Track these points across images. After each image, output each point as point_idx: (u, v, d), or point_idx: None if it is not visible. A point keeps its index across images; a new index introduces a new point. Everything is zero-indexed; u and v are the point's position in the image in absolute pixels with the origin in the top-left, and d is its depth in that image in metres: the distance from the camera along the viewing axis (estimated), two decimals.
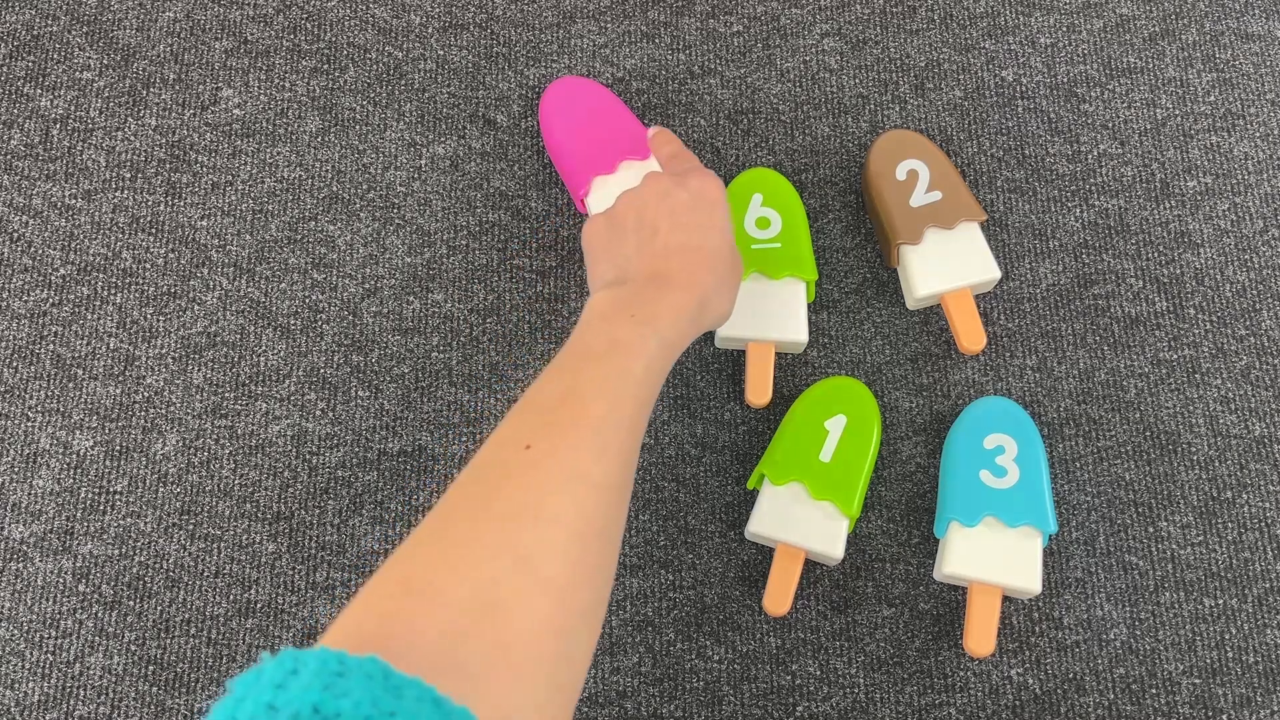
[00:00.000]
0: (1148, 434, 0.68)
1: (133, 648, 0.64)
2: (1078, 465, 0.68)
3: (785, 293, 0.68)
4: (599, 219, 0.59)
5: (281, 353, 0.70)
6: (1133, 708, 0.63)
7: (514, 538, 0.41)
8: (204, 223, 0.72)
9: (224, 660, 0.64)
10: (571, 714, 0.42)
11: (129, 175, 0.73)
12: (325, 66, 0.76)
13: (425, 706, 0.33)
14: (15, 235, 0.72)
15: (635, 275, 0.55)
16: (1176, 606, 0.65)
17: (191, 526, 0.66)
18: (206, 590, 0.65)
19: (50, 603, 0.65)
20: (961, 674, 0.64)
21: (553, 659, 0.40)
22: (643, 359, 0.50)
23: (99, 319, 0.70)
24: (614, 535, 0.46)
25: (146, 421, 0.68)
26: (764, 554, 0.66)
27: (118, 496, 0.67)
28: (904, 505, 0.67)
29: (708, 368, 0.70)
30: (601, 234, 0.58)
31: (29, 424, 0.68)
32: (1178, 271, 0.72)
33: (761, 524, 0.64)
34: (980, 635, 0.62)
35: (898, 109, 0.75)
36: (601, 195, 0.70)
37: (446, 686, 0.34)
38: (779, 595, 0.63)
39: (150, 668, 0.64)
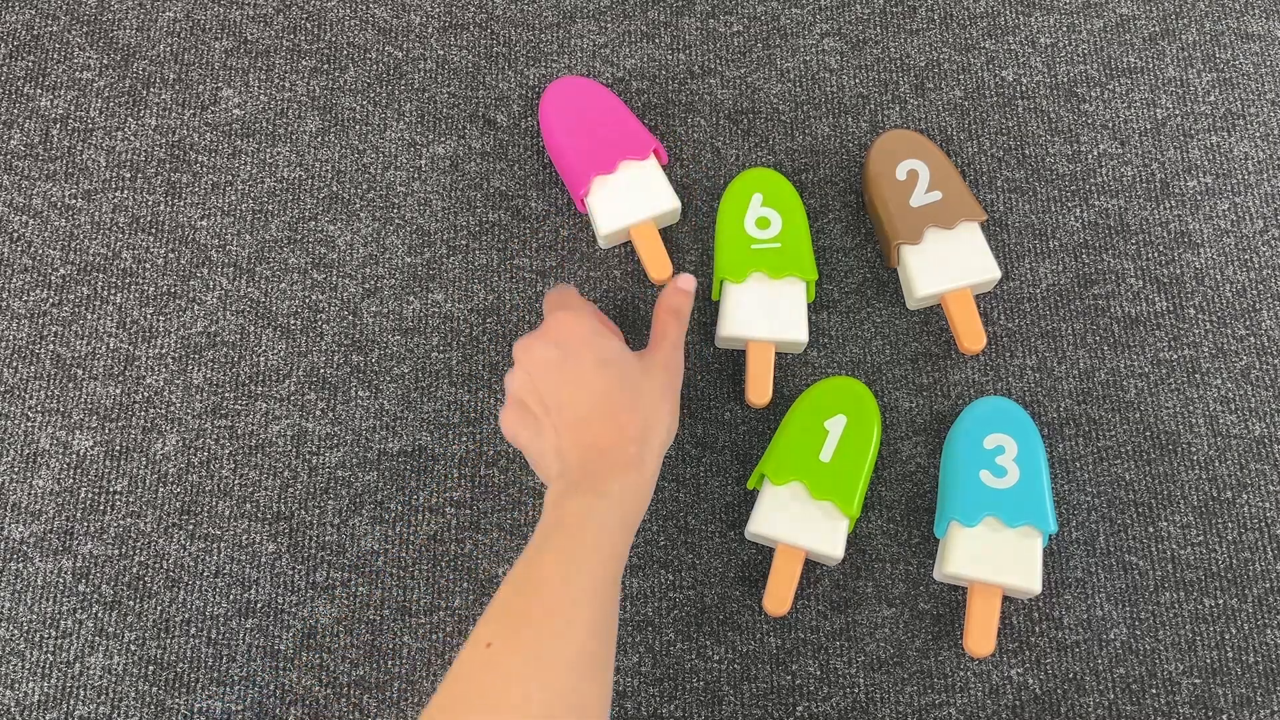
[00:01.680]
0: (1148, 434, 0.68)
1: (133, 648, 0.64)
2: (1078, 465, 0.68)
3: (785, 293, 0.68)
4: (509, 415, 0.57)
5: (281, 353, 0.70)
6: (1133, 708, 0.63)
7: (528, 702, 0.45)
8: (204, 223, 0.72)
9: (224, 660, 0.64)
10: None
11: (129, 175, 0.73)
12: (325, 66, 0.76)
13: None
14: (15, 235, 0.72)
15: (569, 456, 0.54)
16: (1176, 606, 0.65)
17: (191, 526, 0.66)
18: (206, 590, 0.65)
19: (50, 603, 0.65)
20: (961, 674, 0.64)
21: None
22: (591, 527, 0.51)
23: (99, 319, 0.70)
24: (592, 701, 0.48)
25: (146, 421, 0.68)
26: (764, 554, 0.66)
27: (118, 496, 0.67)
28: (904, 505, 0.67)
29: (708, 368, 0.70)
30: (521, 431, 0.57)
31: (29, 424, 0.68)
32: (1178, 271, 0.72)
33: (761, 524, 0.64)
34: (980, 635, 0.62)
35: (898, 109, 0.75)
36: (601, 195, 0.70)
37: None
38: (779, 595, 0.63)
39: (150, 668, 0.64)
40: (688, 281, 0.65)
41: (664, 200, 0.70)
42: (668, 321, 0.62)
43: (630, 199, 0.70)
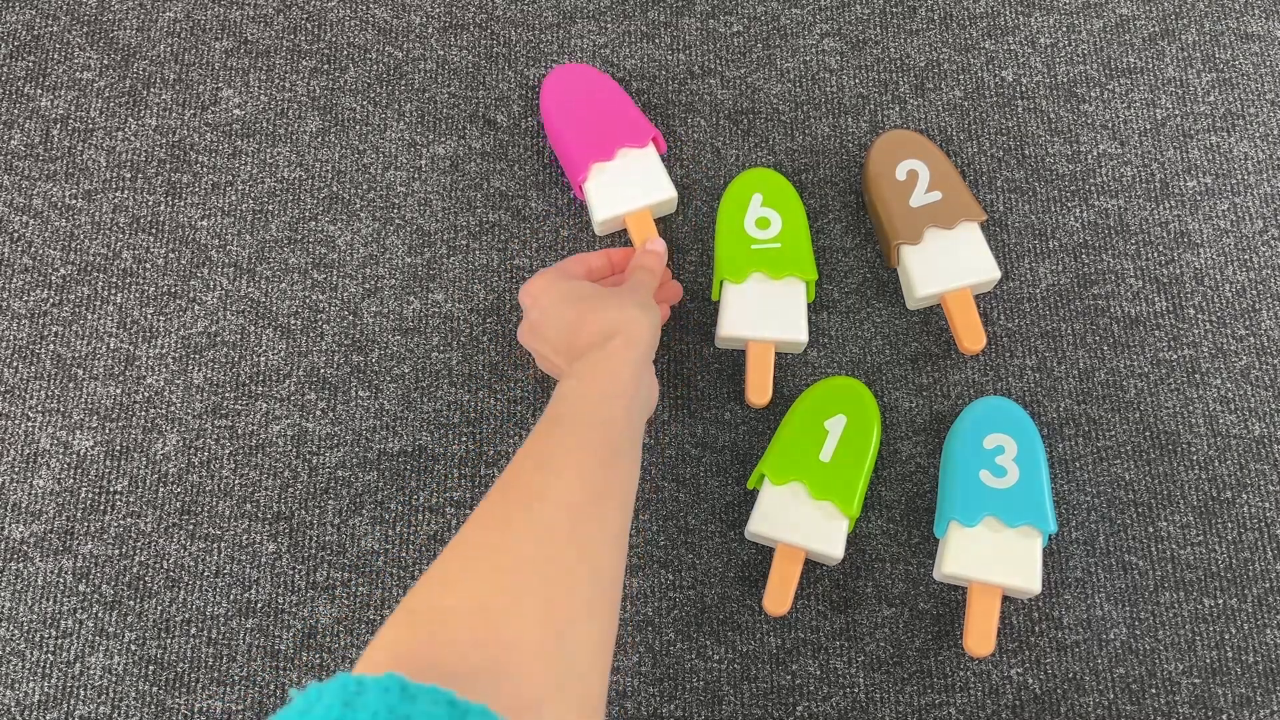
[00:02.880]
0: (1147, 434, 0.68)
1: (133, 647, 0.64)
2: (1077, 465, 0.68)
3: (785, 293, 0.68)
4: (523, 333, 0.65)
5: (282, 353, 0.70)
6: (1132, 707, 0.63)
7: (495, 552, 0.45)
8: (204, 223, 0.72)
9: (224, 660, 0.64)
10: (602, 696, 0.45)
11: (129, 175, 0.73)
12: (325, 67, 0.76)
13: (440, 708, 0.35)
14: (16, 235, 0.72)
15: (560, 360, 0.61)
16: (1176, 606, 0.65)
17: (192, 526, 0.66)
18: (207, 590, 0.65)
19: (50, 602, 0.65)
20: (961, 674, 0.64)
21: (556, 651, 0.42)
22: (567, 400, 0.55)
23: (99, 319, 0.70)
24: (594, 539, 0.48)
25: (147, 421, 0.68)
26: (764, 554, 0.66)
27: (118, 496, 0.67)
28: (904, 505, 0.67)
29: (708, 368, 0.70)
30: (533, 344, 0.64)
31: (29, 424, 0.68)
32: (1177, 271, 0.72)
33: (761, 524, 0.64)
34: (980, 635, 0.62)
35: (898, 109, 0.75)
36: (599, 182, 0.70)
37: (463, 690, 0.36)
38: (779, 595, 0.63)
39: (150, 667, 0.64)
40: (656, 243, 0.68)
41: (661, 189, 0.71)
42: (636, 271, 0.66)
43: (628, 187, 0.71)
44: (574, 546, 0.47)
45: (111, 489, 0.67)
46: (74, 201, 0.72)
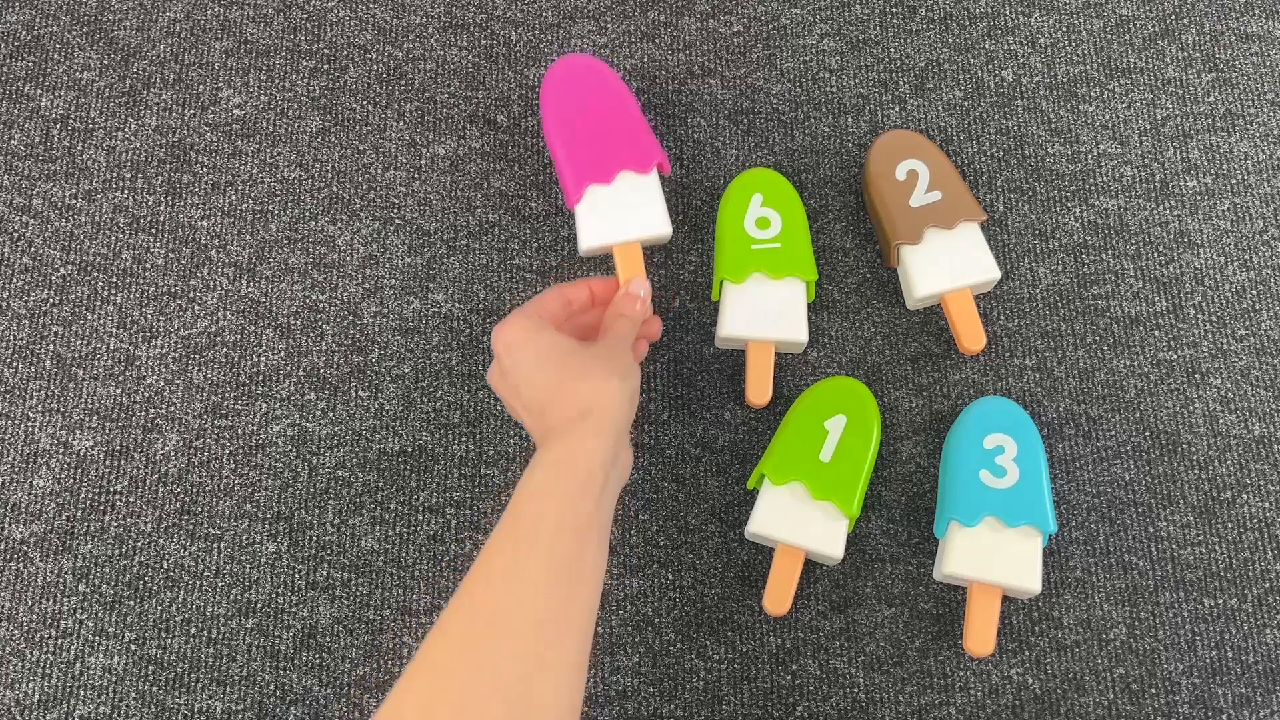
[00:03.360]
0: (1147, 434, 0.68)
1: (133, 648, 0.64)
2: (1077, 465, 0.68)
3: (785, 293, 0.68)
4: (493, 378, 0.62)
5: (281, 353, 0.70)
6: (1132, 708, 0.63)
7: (460, 685, 0.47)
8: (204, 223, 0.72)
9: (224, 660, 0.64)
10: None
11: (129, 175, 0.73)
12: (325, 67, 0.76)
13: None
14: (15, 235, 0.72)
15: (532, 427, 0.59)
16: (1176, 606, 0.65)
17: (191, 526, 0.66)
18: (206, 590, 0.65)
19: (50, 602, 0.65)
20: (961, 674, 0.64)
21: None
22: (537, 492, 0.53)
23: (99, 319, 0.70)
24: (558, 660, 0.49)
25: (147, 421, 0.68)
26: (764, 554, 0.66)
27: (118, 496, 0.67)
28: (904, 505, 0.67)
29: (708, 368, 0.70)
30: (501, 392, 0.62)
31: (29, 424, 0.68)
32: (1177, 271, 0.72)
33: (761, 524, 0.64)
34: (980, 635, 0.62)
35: (898, 109, 0.75)
36: (592, 205, 0.67)
37: None
38: (779, 595, 0.63)
39: (150, 668, 0.64)
40: (639, 285, 0.64)
41: (656, 223, 0.67)
42: (615, 319, 0.62)
43: (622, 215, 0.67)
44: (539, 672, 0.48)
45: (111, 489, 0.67)
46: (74, 201, 0.72)
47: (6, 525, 0.66)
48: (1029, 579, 0.62)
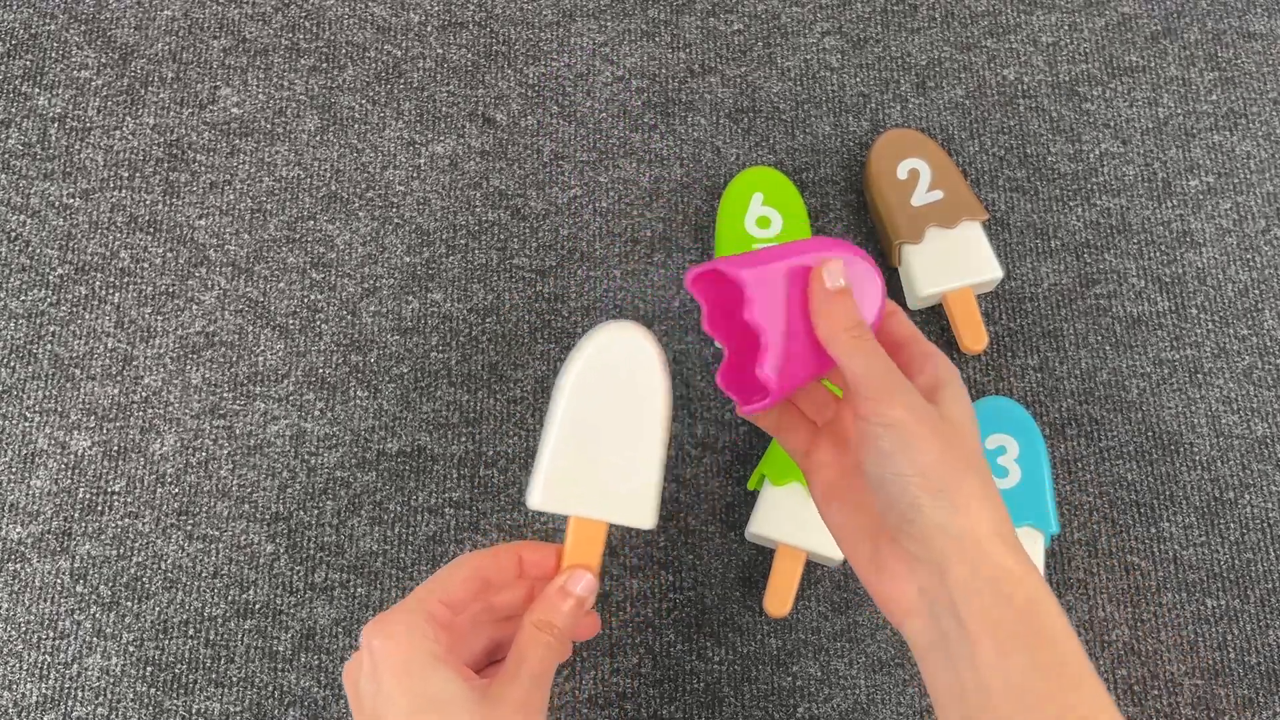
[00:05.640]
0: (1150, 434, 0.68)
1: (130, 649, 0.64)
2: (1079, 466, 0.67)
3: None
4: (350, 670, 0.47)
5: (280, 352, 0.69)
6: (1135, 709, 0.63)
7: None
8: (202, 222, 0.72)
9: (222, 661, 0.64)
10: None
11: (127, 174, 0.73)
12: (324, 65, 0.75)
13: None
14: (13, 235, 0.71)
15: None
16: (1179, 607, 0.65)
17: (189, 527, 0.66)
18: (205, 591, 0.65)
19: (48, 603, 0.65)
20: None
21: None
22: None
23: (97, 318, 0.70)
24: None
25: (144, 421, 0.68)
26: (764, 555, 0.66)
27: (115, 497, 0.66)
28: None
29: (708, 368, 0.69)
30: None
31: (26, 424, 0.68)
32: (1180, 271, 0.71)
33: (762, 525, 0.64)
34: None
35: (899, 108, 0.75)
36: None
37: None
38: (780, 596, 0.63)
39: (148, 669, 0.64)
40: (579, 582, 0.48)
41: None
42: (532, 639, 0.45)
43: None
44: None
45: (109, 489, 0.67)
46: (71, 200, 0.72)
47: (3, 526, 0.66)
48: None
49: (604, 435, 0.49)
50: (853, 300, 0.45)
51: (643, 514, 0.50)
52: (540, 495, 0.49)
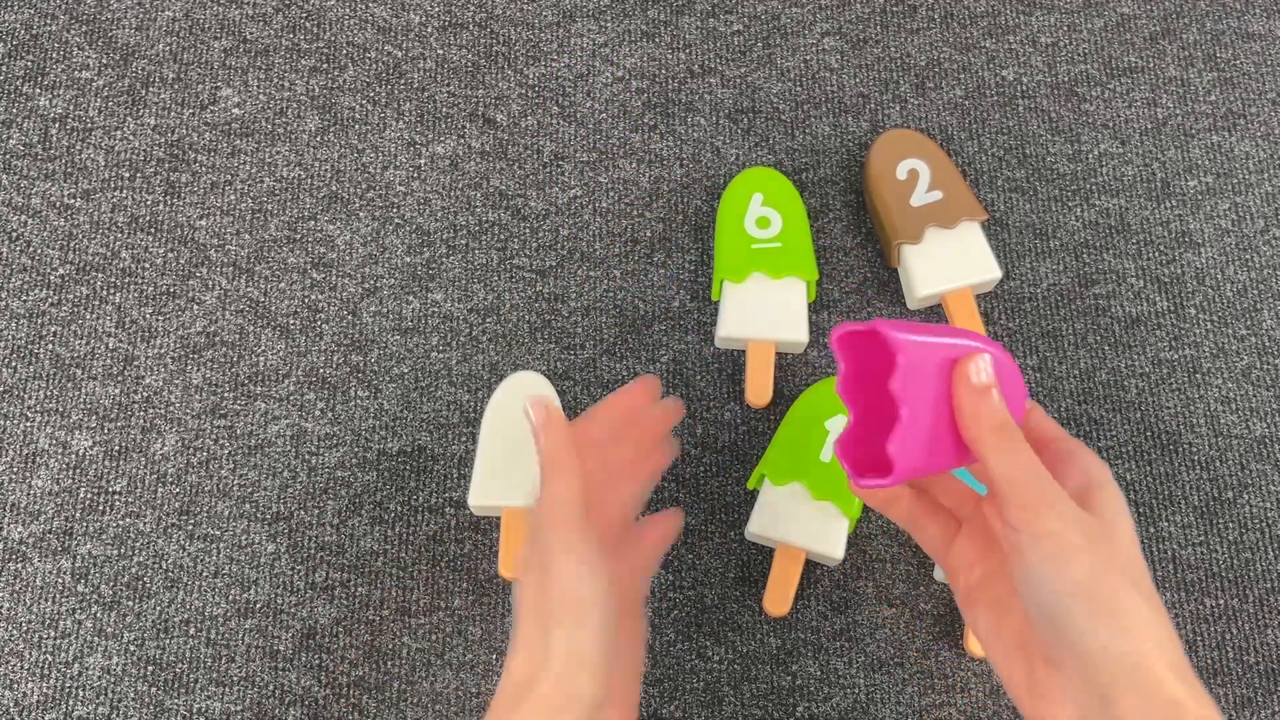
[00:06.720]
0: (1148, 434, 0.68)
1: (131, 648, 0.64)
2: None
3: (785, 293, 0.68)
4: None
5: (280, 352, 0.70)
6: None
7: None
8: (203, 222, 0.72)
9: (223, 660, 0.64)
10: None
11: (128, 175, 0.73)
12: (324, 65, 0.76)
13: None
14: (14, 235, 0.71)
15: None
16: (1177, 607, 0.65)
17: (190, 527, 0.66)
18: (205, 590, 0.65)
19: (49, 603, 0.65)
20: (962, 674, 0.64)
21: None
22: None
23: (98, 319, 0.70)
24: None
25: (145, 421, 0.68)
26: (764, 554, 0.66)
27: (116, 496, 0.67)
28: None
29: (708, 368, 0.70)
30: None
31: (27, 424, 0.68)
32: (1178, 271, 0.71)
33: (762, 524, 0.64)
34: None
35: (898, 108, 0.75)
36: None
37: None
38: (779, 596, 0.63)
39: (149, 668, 0.64)
40: (543, 409, 0.49)
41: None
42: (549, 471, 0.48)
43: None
44: None
45: (110, 489, 0.67)
46: (72, 201, 0.72)
47: (5, 525, 0.66)
48: None
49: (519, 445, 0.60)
50: (999, 398, 0.42)
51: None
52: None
